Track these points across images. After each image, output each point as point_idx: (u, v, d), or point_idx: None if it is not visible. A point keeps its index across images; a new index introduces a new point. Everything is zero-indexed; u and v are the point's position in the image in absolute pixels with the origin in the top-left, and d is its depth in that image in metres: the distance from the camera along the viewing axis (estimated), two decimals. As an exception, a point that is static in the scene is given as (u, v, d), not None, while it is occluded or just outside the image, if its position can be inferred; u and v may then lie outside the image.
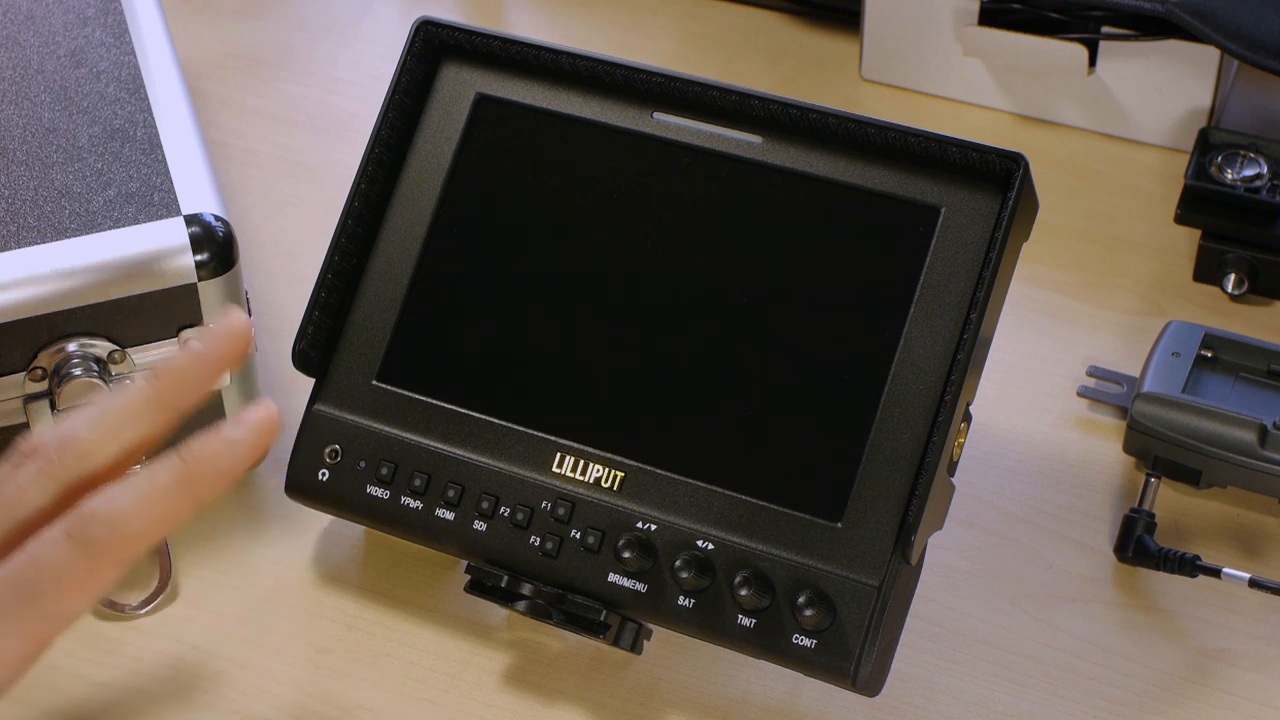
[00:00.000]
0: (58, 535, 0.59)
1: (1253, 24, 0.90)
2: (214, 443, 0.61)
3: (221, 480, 0.61)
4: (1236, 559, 0.79)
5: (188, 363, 0.63)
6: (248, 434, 0.62)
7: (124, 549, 0.60)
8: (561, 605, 0.71)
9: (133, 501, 0.60)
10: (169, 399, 0.63)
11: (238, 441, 0.62)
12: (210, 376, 0.64)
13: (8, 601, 0.59)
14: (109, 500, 0.60)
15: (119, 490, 0.60)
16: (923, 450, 0.69)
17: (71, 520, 0.59)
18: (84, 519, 0.59)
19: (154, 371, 0.63)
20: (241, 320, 0.64)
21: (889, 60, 1.03)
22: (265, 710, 0.74)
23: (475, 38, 0.77)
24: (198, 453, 0.61)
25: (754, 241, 0.73)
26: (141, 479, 0.60)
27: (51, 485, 0.61)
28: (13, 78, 0.84)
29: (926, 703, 0.74)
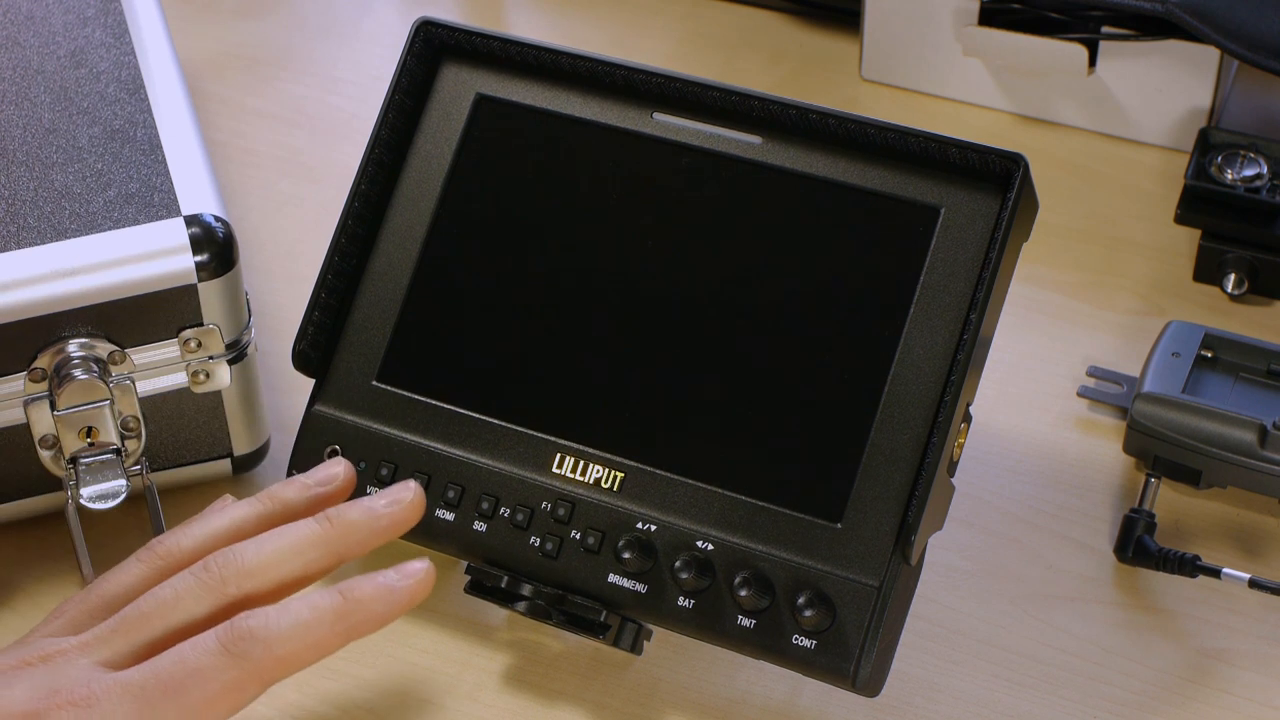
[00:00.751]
0: (211, 644, 0.62)
1: (1253, 24, 0.90)
2: (375, 586, 0.64)
3: (376, 623, 0.64)
4: (1236, 559, 0.79)
5: (360, 516, 0.67)
6: (408, 584, 0.64)
7: (272, 670, 0.62)
8: (561, 606, 0.71)
9: (289, 626, 0.62)
10: (335, 546, 0.66)
11: (397, 590, 0.64)
12: (378, 537, 0.67)
13: (151, 696, 0.61)
14: (266, 620, 0.62)
15: (277, 612, 0.62)
16: (923, 450, 0.69)
17: (227, 632, 0.62)
18: (240, 634, 0.62)
19: (328, 515, 0.66)
20: (419, 495, 0.68)
21: (889, 60, 1.03)
22: (265, 710, 0.74)
23: (475, 38, 0.77)
24: (359, 594, 0.64)
25: (754, 241, 0.73)
26: (301, 606, 0.63)
27: (209, 598, 0.64)
28: (13, 78, 0.84)
29: (926, 703, 0.74)
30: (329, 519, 0.66)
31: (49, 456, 0.77)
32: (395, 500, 0.68)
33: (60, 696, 0.62)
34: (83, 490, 0.76)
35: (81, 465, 0.76)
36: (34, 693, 0.62)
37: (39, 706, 0.61)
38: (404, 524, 0.68)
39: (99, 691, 0.62)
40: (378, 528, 0.67)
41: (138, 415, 0.77)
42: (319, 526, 0.66)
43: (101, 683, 0.62)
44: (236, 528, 0.67)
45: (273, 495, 0.69)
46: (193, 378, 0.78)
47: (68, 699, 0.62)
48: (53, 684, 0.62)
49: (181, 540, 0.67)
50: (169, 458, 0.80)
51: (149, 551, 0.67)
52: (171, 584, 0.65)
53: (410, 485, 0.68)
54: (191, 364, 0.78)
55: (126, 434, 0.77)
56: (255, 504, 0.68)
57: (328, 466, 0.70)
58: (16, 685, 0.63)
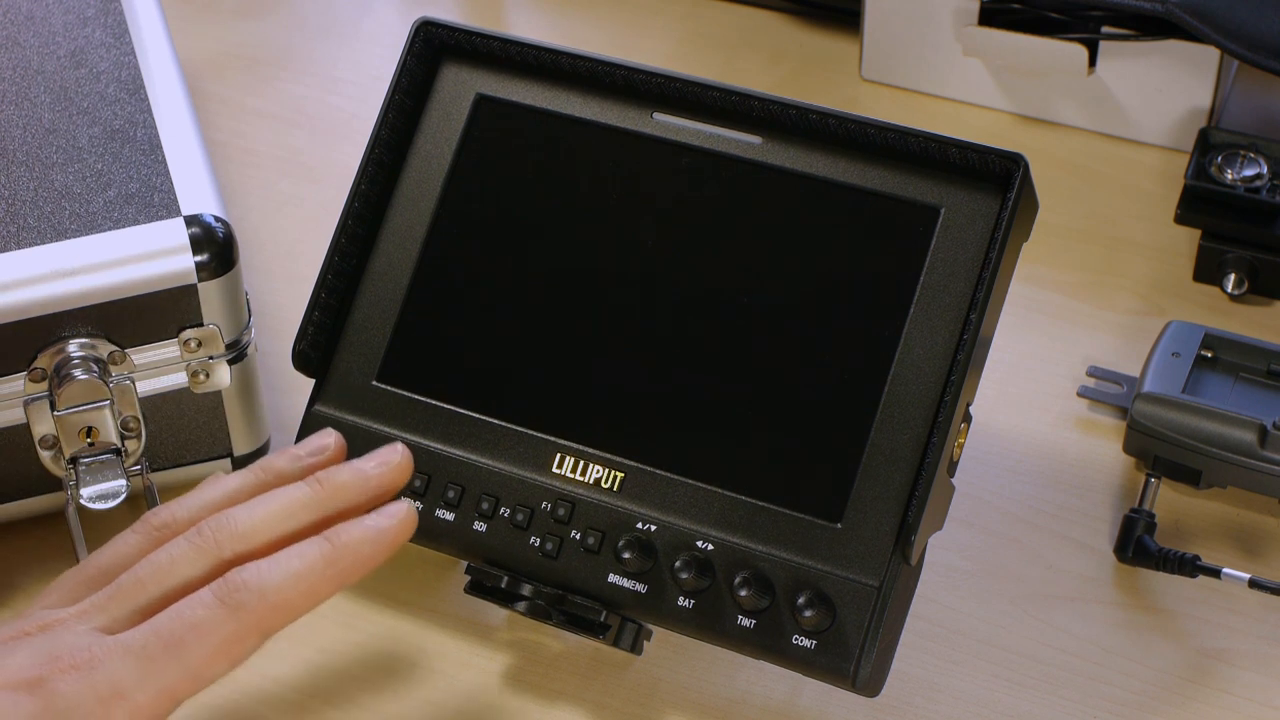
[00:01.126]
0: (207, 598, 0.63)
1: (1253, 24, 0.90)
2: (361, 529, 0.66)
3: (365, 565, 0.65)
4: (1236, 559, 0.79)
5: (350, 478, 0.68)
6: (392, 524, 0.66)
7: (268, 618, 0.64)
8: (561, 606, 0.71)
9: (281, 575, 0.64)
10: (325, 506, 0.67)
11: (383, 530, 0.66)
12: (367, 499, 0.68)
13: (153, 653, 0.62)
14: (259, 571, 0.64)
15: (269, 563, 0.64)
16: (923, 450, 0.69)
17: (222, 585, 0.63)
18: (234, 585, 0.63)
19: (318, 478, 0.68)
20: (407, 457, 0.69)
21: (889, 60, 1.03)
22: (265, 710, 0.74)
23: (475, 38, 0.77)
24: (345, 538, 0.65)
25: (754, 241, 0.73)
26: (291, 556, 0.64)
27: (203, 561, 0.65)
28: (13, 78, 0.84)
29: (926, 703, 0.74)
30: (319, 481, 0.68)
31: (49, 456, 0.77)
32: (383, 462, 0.69)
33: (62, 661, 0.63)
34: (83, 490, 0.76)
35: (81, 465, 0.76)
36: (35, 659, 0.63)
37: (42, 672, 0.62)
38: (393, 485, 0.69)
39: (100, 653, 0.63)
40: (367, 488, 0.68)
41: (138, 415, 0.77)
42: (309, 489, 0.67)
43: (102, 645, 0.63)
44: (230, 499, 0.69)
45: (265, 466, 0.70)
46: (193, 378, 0.78)
47: (70, 663, 0.63)
48: (53, 650, 0.63)
49: (176, 511, 0.68)
50: (169, 458, 0.80)
51: (144, 524, 0.68)
52: (166, 549, 0.66)
53: (398, 447, 0.70)
54: (191, 364, 0.78)
55: (126, 434, 0.77)
56: (248, 474, 0.70)
57: (319, 437, 0.71)
58: (17, 653, 0.63)
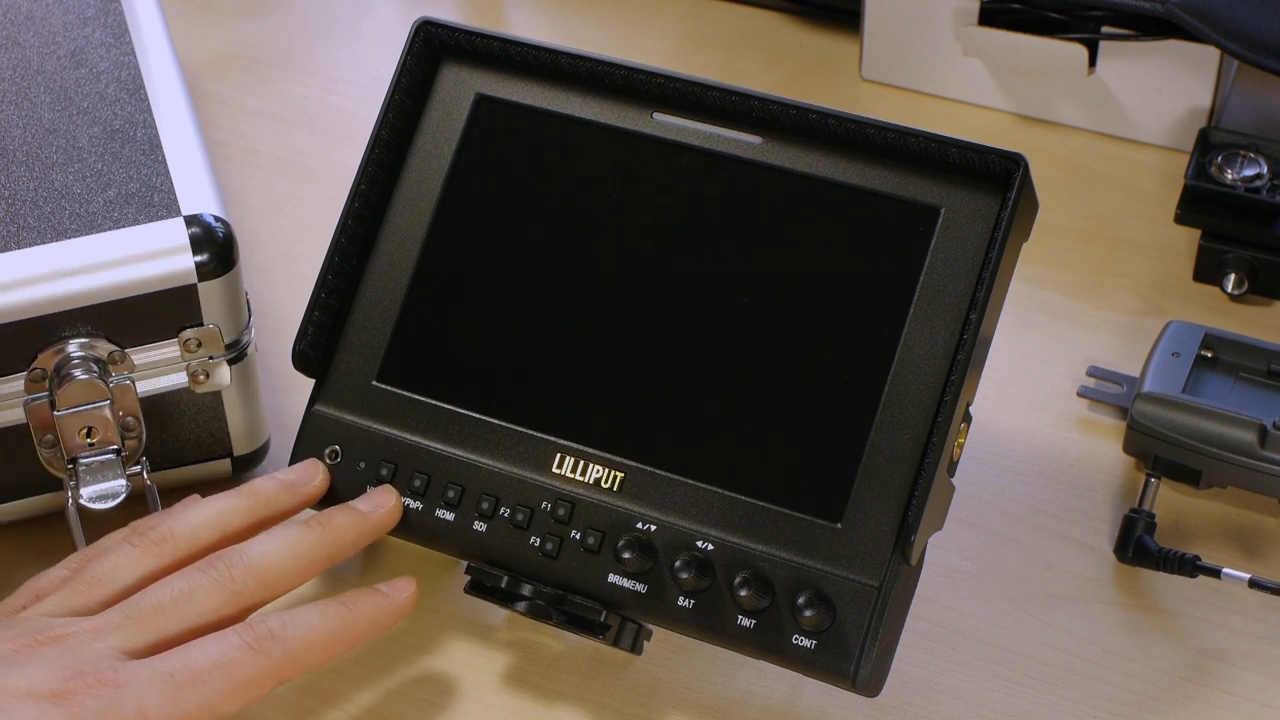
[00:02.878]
0: (235, 641, 0.67)
1: (1253, 24, 0.90)
2: (375, 598, 0.71)
3: (375, 632, 0.71)
4: (1236, 559, 0.79)
5: (349, 520, 0.72)
6: (403, 596, 0.71)
7: (287, 668, 0.68)
8: (561, 606, 0.71)
9: (305, 630, 0.68)
10: (330, 549, 0.71)
11: (397, 604, 0.71)
12: (365, 539, 0.73)
13: (180, 684, 0.65)
14: (284, 624, 0.68)
15: (293, 619, 0.68)
16: (923, 450, 0.69)
17: (249, 631, 0.68)
18: (262, 634, 0.67)
19: (319, 520, 0.72)
20: (397, 499, 0.74)
21: (889, 60, 1.03)
22: (265, 710, 0.74)
23: (475, 38, 0.77)
24: (362, 605, 0.70)
25: (754, 241, 0.73)
26: (313, 613, 0.69)
27: (221, 595, 0.69)
28: (13, 78, 0.84)
29: (926, 703, 0.74)
30: (320, 524, 0.72)
31: (49, 456, 0.77)
32: (377, 504, 0.73)
33: (89, 678, 0.64)
34: (83, 490, 0.76)
35: (81, 465, 0.76)
36: (60, 672, 0.64)
37: (67, 687, 0.63)
38: (386, 526, 0.73)
39: (127, 676, 0.64)
40: (365, 529, 0.73)
41: (138, 415, 0.77)
42: (313, 531, 0.71)
43: (129, 668, 0.64)
44: (223, 520, 0.72)
45: (253, 491, 0.73)
46: (193, 378, 0.78)
47: (97, 680, 0.64)
48: (78, 665, 0.64)
49: (174, 527, 0.71)
50: (169, 458, 0.80)
51: (140, 536, 0.71)
52: (184, 578, 0.68)
53: (390, 490, 0.74)
54: (191, 364, 0.78)
55: (126, 434, 0.77)
56: (239, 498, 0.73)
57: (303, 466, 0.75)
58: (38, 663, 0.64)
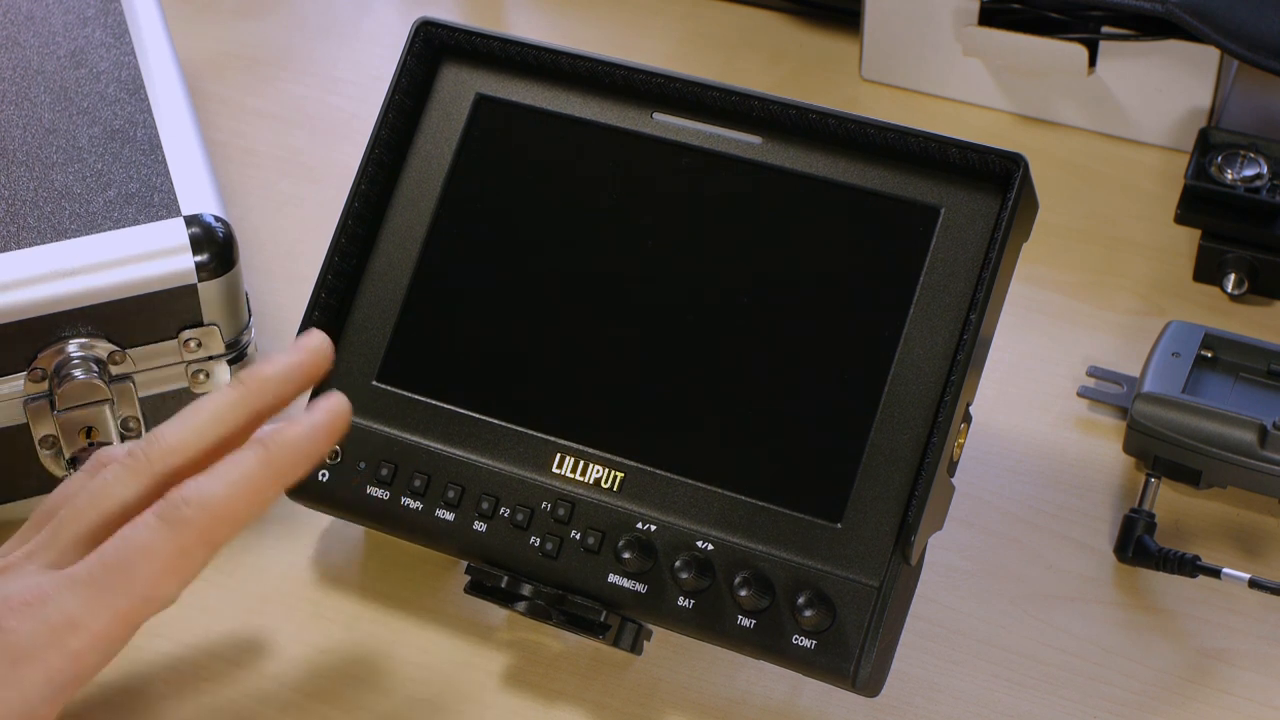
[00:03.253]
0: (149, 519, 0.62)
1: (1253, 24, 0.90)
2: (295, 428, 0.65)
3: (303, 463, 0.65)
4: (1236, 559, 0.79)
5: (273, 371, 0.67)
6: (325, 418, 0.66)
7: (214, 531, 0.63)
8: (561, 606, 0.71)
9: (221, 484, 0.63)
10: (253, 404, 0.66)
11: (317, 425, 0.65)
12: (292, 388, 0.67)
13: (101, 581, 0.61)
14: (198, 485, 0.63)
15: (207, 476, 0.63)
16: (923, 450, 0.69)
17: (162, 504, 0.62)
18: (174, 502, 0.62)
19: (239, 378, 0.67)
20: (324, 341, 0.68)
21: (889, 60, 1.03)
22: (265, 710, 0.74)
23: (475, 38, 0.77)
24: (280, 439, 0.64)
25: (754, 241, 0.73)
26: (228, 465, 0.63)
27: (138, 480, 0.64)
28: (13, 78, 0.84)
29: (926, 703, 0.74)
30: (242, 381, 0.67)
31: (49, 456, 0.77)
32: (302, 348, 0.68)
33: (12, 600, 0.61)
34: (83, 490, 0.76)
35: (82, 465, 0.76)
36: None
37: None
38: (316, 372, 0.68)
39: (49, 588, 0.62)
40: (292, 378, 0.67)
41: (138, 415, 0.77)
42: (234, 390, 0.66)
43: (50, 579, 0.62)
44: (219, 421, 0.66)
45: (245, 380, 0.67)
46: (193, 378, 0.78)
47: (20, 600, 0.61)
48: (2, 593, 0.62)
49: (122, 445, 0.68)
50: (169, 458, 0.80)
51: (91, 460, 0.67)
52: (99, 475, 0.65)
53: (315, 332, 0.69)
54: (191, 364, 0.78)
55: (126, 434, 0.77)
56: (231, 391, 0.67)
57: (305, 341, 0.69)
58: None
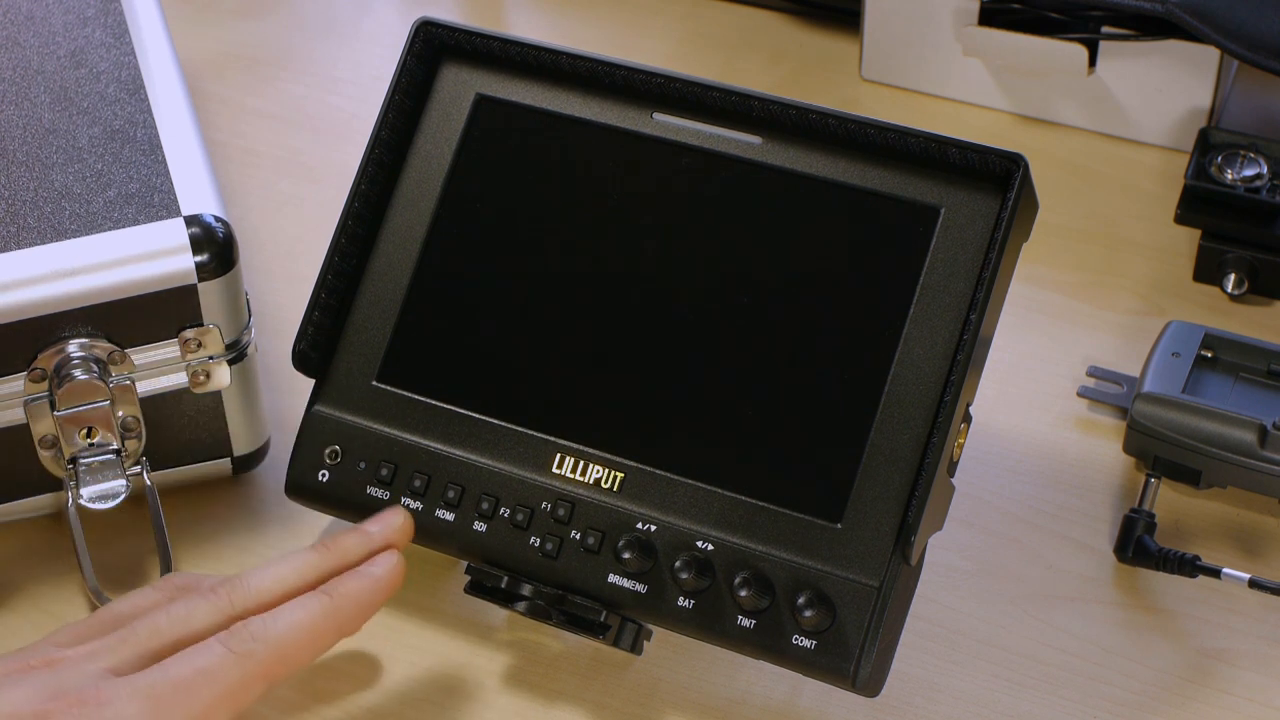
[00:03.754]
0: (216, 647, 0.66)
1: (1253, 24, 0.90)
2: (357, 580, 0.69)
3: (363, 613, 0.69)
4: (1236, 559, 0.79)
5: (356, 542, 0.71)
6: (387, 574, 0.70)
7: (274, 667, 0.66)
8: (561, 606, 0.71)
9: (285, 624, 0.67)
10: (332, 568, 0.70)
11: (379, 580, 0.70)
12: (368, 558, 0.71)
13: (161, 695, 0.64)
14: (264, 624, 0.67)
15: (274, 617, 0.67)
16: (923, 450, 0.69)
17: (230, 636, 0.66)
18: (242, 637, 0.66)
19: (325, 544, 0.71)
20: (409, 520, 0.73)
21: (889, 60, 1.03)
22: (265, 710, 0.74)
23: (475, 38, 0.77)
24: (344, 589, 0.69)
25: (754, 241, 0.73)
26: (296, 609, 0.68)
27: (216, 615, 0.68)
28: (13, 78, 0.84)
29: (926, 703, 0.74)
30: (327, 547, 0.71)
31: (49, 456, 0.77)
32: (386, 525, 0.73)
33: (69, 698, 0.63)
34: (83, 490, 0.76)
35: (81, 465, 0.76)
36: (40, 693, 0.63)
37: (49, 706, 0.63)
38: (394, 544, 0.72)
39: (109, 693, 0.63)
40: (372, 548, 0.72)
41: (138, 415, 0.77)
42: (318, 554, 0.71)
43: (111, 685, 0.64)
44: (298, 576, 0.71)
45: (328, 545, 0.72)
46: (193, 378, 0.78)
47: (78, 699, 0.63)
48: (60, 686, 0.64)
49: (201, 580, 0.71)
50: (169, 458, 0.80)
51: (166, 582, 0.71)
52: (183, 603, 0.68)
53: (400, 511, 0.73)
54: (191, 364, 0.78)
55: (126, 434, 0.77)
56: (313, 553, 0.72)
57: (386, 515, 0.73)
58: (22, 686, 0.64)
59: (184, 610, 0.68)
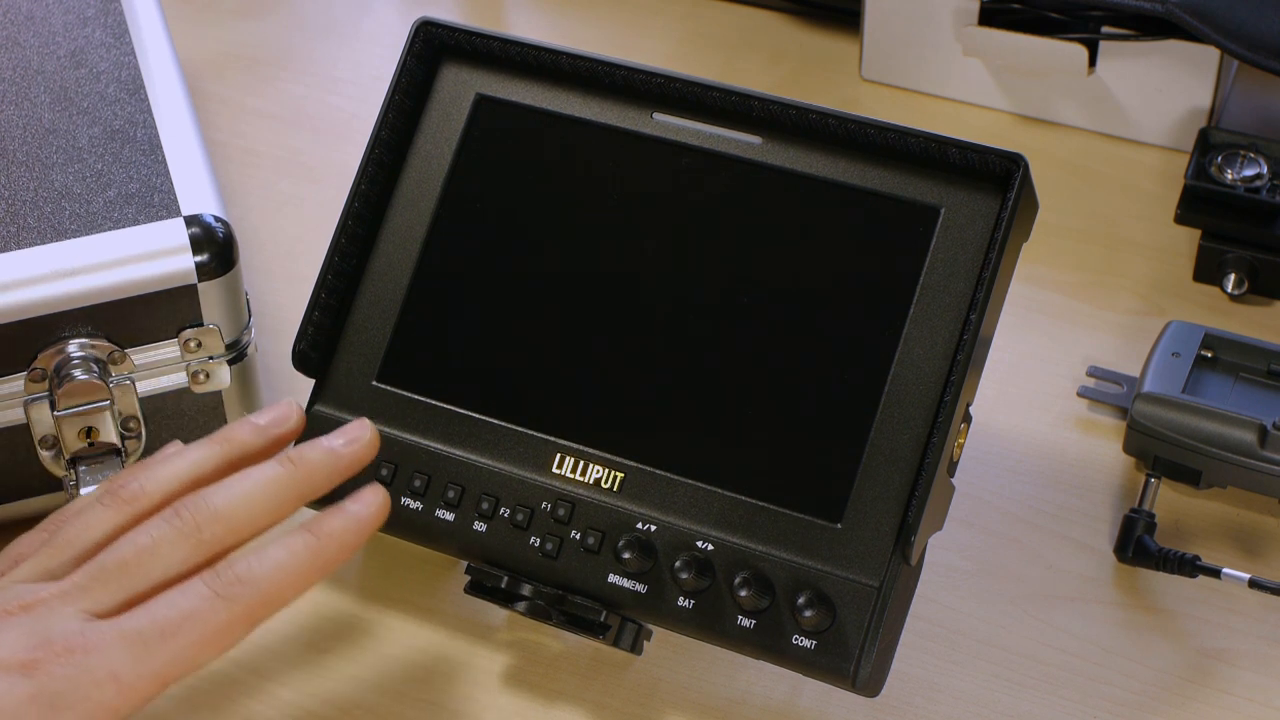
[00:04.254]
0: (201, 589, 0.64)
1: (1253, 24, 0.90)
2: (341, 518, 0.67)
3: (347, 552, 0.67)
4: (1236, 559, 0.79)
5: (321, 456, 0.69)
6: (370, 510, 0.68)
7: (258, 609, 0.65)
8: (561, 606, 0.71)
9: (271, 566, 0.65)
10: (301, 487, 0.68)
11: (362, 518, 0.68)
12: (338, 475, 0.69)
13: (148, 641, 0.63)
14: (249, 564, 0.65)
15: (258, 558, 0.65)
16: (923, 450, 0.69)
17: (215, 577, 0.65)
18: (227, 578, 0.65)
19: (289, 457, 0.68)
20: (375, 432, 0.70)
21: (889, 60, 1.03)
22: (265, 710, 0.74)
23: (475, 38, 0.77)
24: (328, 528, 0.67)
25: (754, 241, 0.73)
26: (279, 549, 0.66)
27: (185, 544, 0.66)
28: (13, 78, 0.84)
29: (926, 703, 0.74)
30: (291, 460, 0.68)
31: (49, 456, 0.77)
32: (353, 439, 0.70)
33: (56, 645, 0.62)
34: (83, 490, 0.76)
35: (81, 465, 0.76)
36: (27, 641, 0.63)
37: (35, 656, 0.62)
38: (363, 462, 0.70)
39: (95, 639, 0.63)
40: (339, 466, 0.69)
41: (138, 415, 0.77)
42: (283, 468, 0.68)
43: (97, 630, 0.63)
44: (197, 470, 0.69)
45: (227, 438, 0.70)
46: (193, 378, 0.78)
47: (64, 647, 0.62)
48: (44, 633, 0.63)
49: (145, 484, 0.68)
50: (169, 458, 0.80)
51: (112, 496, 0.68)
52: (147, 531, 0.66)
53: (365, 423, 0.70)
54: (191, 364, 0.78)
55: (127, 434, 0.77)
56: (211, 446, 0.70)
57: (280, 407, 0.72)
58: (5, 633, 0.63)
59: (148, 539, 0.65)
